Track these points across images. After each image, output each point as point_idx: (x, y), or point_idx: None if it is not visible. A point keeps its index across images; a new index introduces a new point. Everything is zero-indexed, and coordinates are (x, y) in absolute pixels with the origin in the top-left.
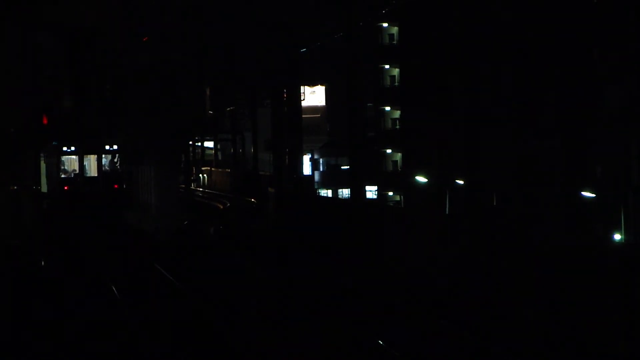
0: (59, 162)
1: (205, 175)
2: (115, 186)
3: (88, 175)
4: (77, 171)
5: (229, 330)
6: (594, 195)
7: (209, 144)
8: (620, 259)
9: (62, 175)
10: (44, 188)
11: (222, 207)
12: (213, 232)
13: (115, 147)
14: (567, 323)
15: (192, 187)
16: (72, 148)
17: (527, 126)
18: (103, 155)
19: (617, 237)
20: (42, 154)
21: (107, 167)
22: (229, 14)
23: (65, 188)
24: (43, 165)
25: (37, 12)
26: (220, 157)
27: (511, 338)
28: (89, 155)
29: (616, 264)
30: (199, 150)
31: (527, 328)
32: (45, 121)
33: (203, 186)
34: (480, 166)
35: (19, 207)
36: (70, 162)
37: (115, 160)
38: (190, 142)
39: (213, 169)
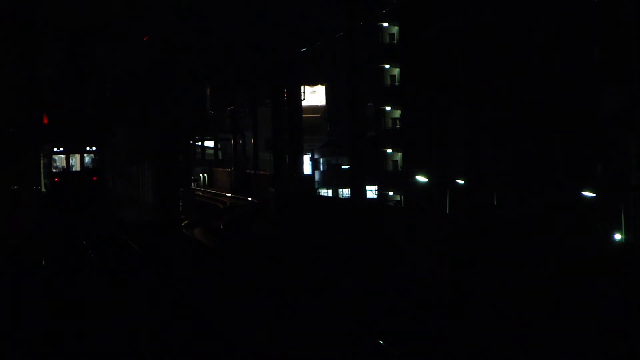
0: (51, 160)
1: (205, 174)
2: (94, 178)
3: (74, 169)
4: (65, 167)
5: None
6: (594, 195)
7: (209, 143)
8: (621, 258)
9: (54, 170)
10: (43, 187)
11: (222, 207)
12: (212, 232)
13: (94, 147)
14: (567, 322)
15: (193, 187)
16: (61, 148)
17: (527, 125)
18: (85, 154)
19: (618, 236)
20: (41, 154)
21: (89, 164)
22: (230, 14)
23: (56, 180)
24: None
25: (37, 12)
26: (220, 157)
27: (511, 337)
28: (75, 154)
29: (617, 263)
30: (199, 150)
31: (528, 327)
32: (45, 121)
33: (203, 186)
34: (481, 166)
35: (19, 207)
36: (61, 159)
37: (95, 157)
38: (191, 142)
39: (213, 168)
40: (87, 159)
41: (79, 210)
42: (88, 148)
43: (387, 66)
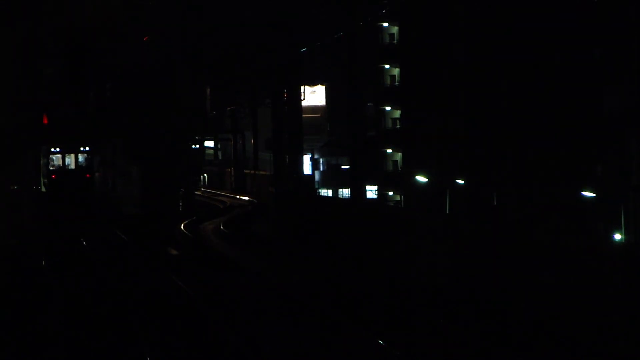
0: (48, 159)
1: (205, 174)
2: (87, 175)
3: (69, 167)
4: (61, 165)
5: None
6: (594, 195)
7: (209, 143)
8: (621, 258)
9: (51, 168)
10: (43, 187)
11: (221, 206)
12: (211, 232)
13: (87, 148)
14: (566, 322)
15: (192, 187)
16: (58, 148)
17: (528, 125)
18: (79, 154)
19: (618, 236)
20: (40, 154)
21: (83, 163)
22: (230, 14)
23: (53, 177)
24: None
25: (37, 12)
26: (220, 157)
27: (510, 337)
28: (70, 154)
29: (616, 263)
30: (199, 150)
31: (527, 327)
32: (45, 121)
33: (203, 186)
34: (481, 166)
35: (19, 207)
36: (57, 158)
37: (89, 157)
38: (191, 145)
39: (214, 168)
40: (80, 158)
41: (73, 204)
42: (82, 148)
43: (387, 66)
